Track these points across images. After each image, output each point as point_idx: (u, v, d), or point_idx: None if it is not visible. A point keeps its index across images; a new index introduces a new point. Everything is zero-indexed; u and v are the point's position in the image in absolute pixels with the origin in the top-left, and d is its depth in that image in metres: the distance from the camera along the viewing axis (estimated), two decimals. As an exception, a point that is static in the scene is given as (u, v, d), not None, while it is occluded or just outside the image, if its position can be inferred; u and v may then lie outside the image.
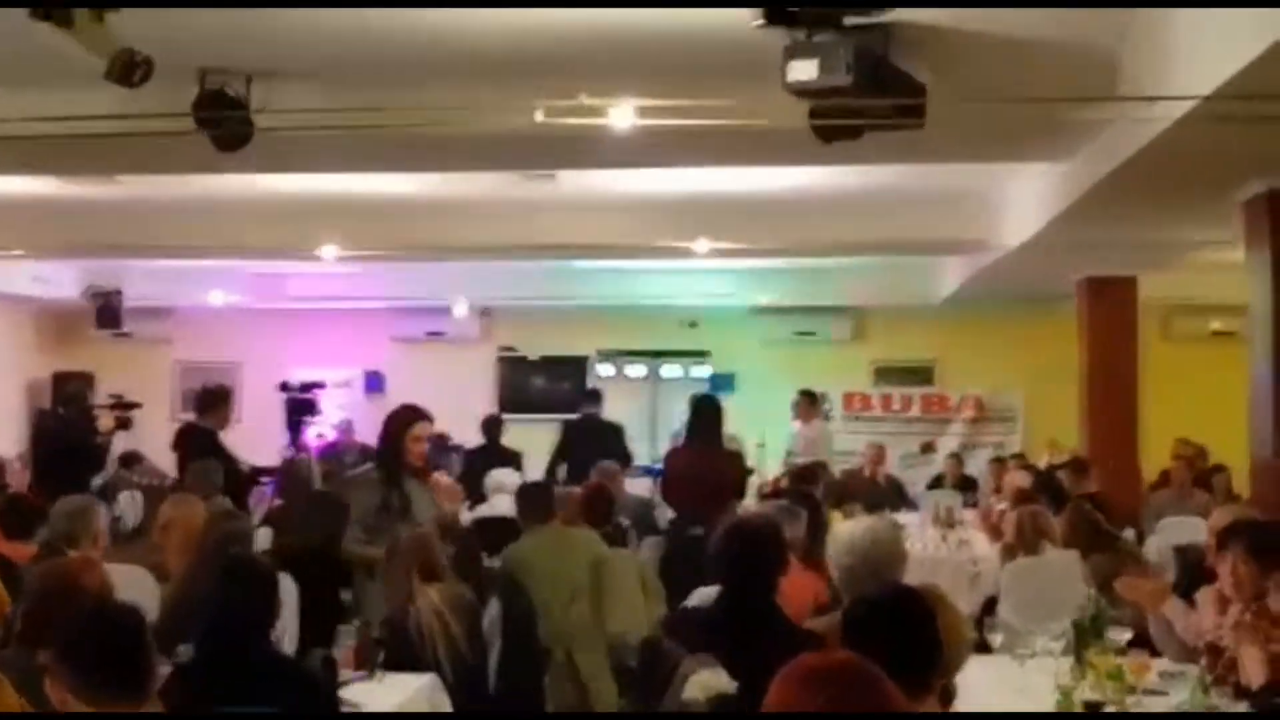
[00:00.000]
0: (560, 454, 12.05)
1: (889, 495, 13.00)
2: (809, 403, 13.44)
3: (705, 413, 8.89)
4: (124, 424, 10.94)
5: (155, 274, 14.53)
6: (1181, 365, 14.54)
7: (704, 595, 6.08)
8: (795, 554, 5.68)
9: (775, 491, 8.90)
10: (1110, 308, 12.07)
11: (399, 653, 5.29)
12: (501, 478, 10.05)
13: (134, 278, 14.66)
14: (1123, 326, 12.03)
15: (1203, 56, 5.48)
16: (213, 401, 9.45)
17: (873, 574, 4.60)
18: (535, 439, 12.83)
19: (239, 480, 9.02)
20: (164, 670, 4.46)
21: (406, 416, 6.88)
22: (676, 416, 9.10)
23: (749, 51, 5.65)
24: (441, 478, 9.17)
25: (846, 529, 5.00)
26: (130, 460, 12.25)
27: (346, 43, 6.50)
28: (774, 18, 5.14)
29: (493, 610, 7.20)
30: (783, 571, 4.78)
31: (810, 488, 8.59)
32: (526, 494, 7.58)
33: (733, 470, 8.81)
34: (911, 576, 7.33)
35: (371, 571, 6.30)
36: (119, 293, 14.61)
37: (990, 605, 6.95)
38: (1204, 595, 5.28)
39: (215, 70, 6.78)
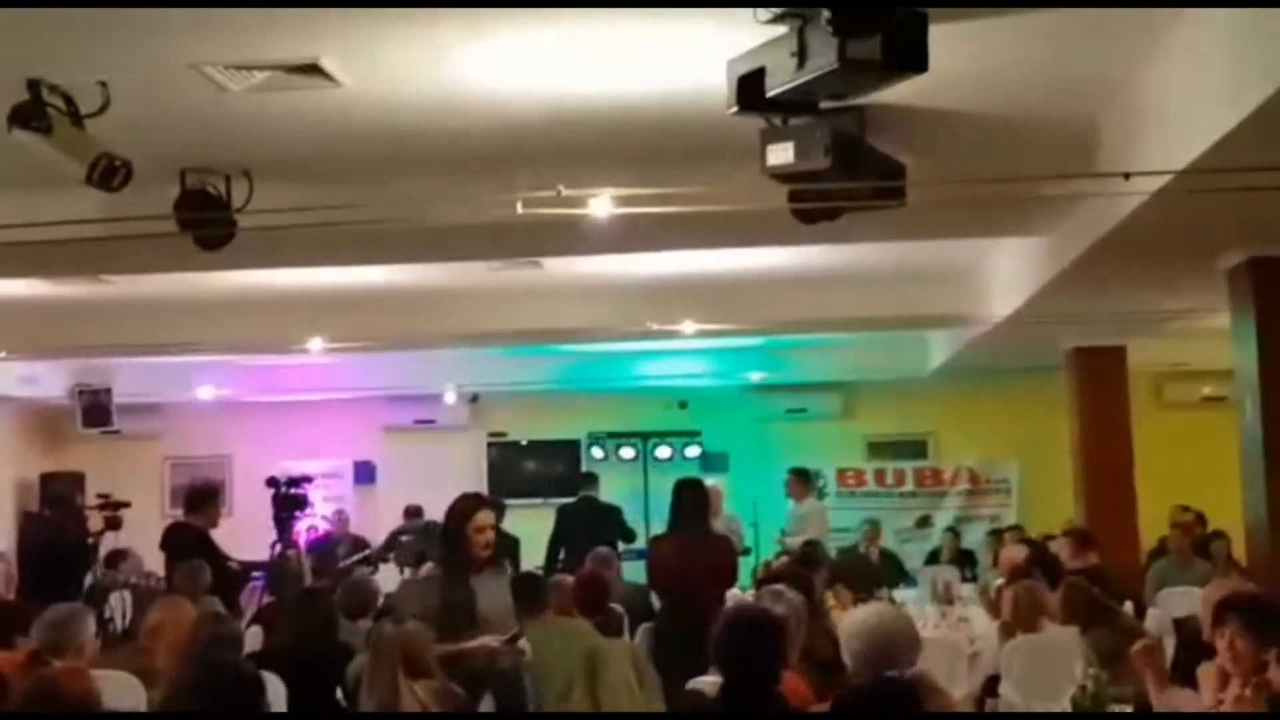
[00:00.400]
0: (556, 540, 11.97)
1: (887, 573, 12.91)
2: (800, 481, 13.38)
3: (688, 497, 8.46)
4: (113, 524, 10.86)
5: (142, 370, 14.48)
6: (1174, 431, 14.49)
7: (699, 685, 6.01)
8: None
9: (769, 576, 8.75)
10: (1100, 377, 12.05)
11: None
12: (494, 568, 9.91)
13: (121, 375, 14.63)
14: (1113, 396, 12.01)
15: (1178, 130, 5.50)
16: (201, 499, 9.37)
17: (882, 659, 4.56)
18: (527, 523, 12.76)
19: (229, 580, 8.92)
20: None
21: (466, 506, 6.48)
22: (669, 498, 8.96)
23: (727, 136, 5.68)
24: None
25: (856, 614, 4.96)
26: (116, 559, 12.14)
27: (326, 139, 6.53)
28: (748, 105, 5.15)
29: (486, 704, 7.10)
30: (785, 662, 4.72)
31: (809, 570, 8.45)
32: (519, 586, 7.47)
33: (723, 557, 8.37)
34: (909, 657, 7.27)
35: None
36: (108, 391, 14.56)
37: (992, 684, 6.88)
38: (1204, 671, 5.23)
39: (195, 170, 6.80)
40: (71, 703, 4.39)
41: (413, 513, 13.49)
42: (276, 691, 6.17)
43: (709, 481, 11.80)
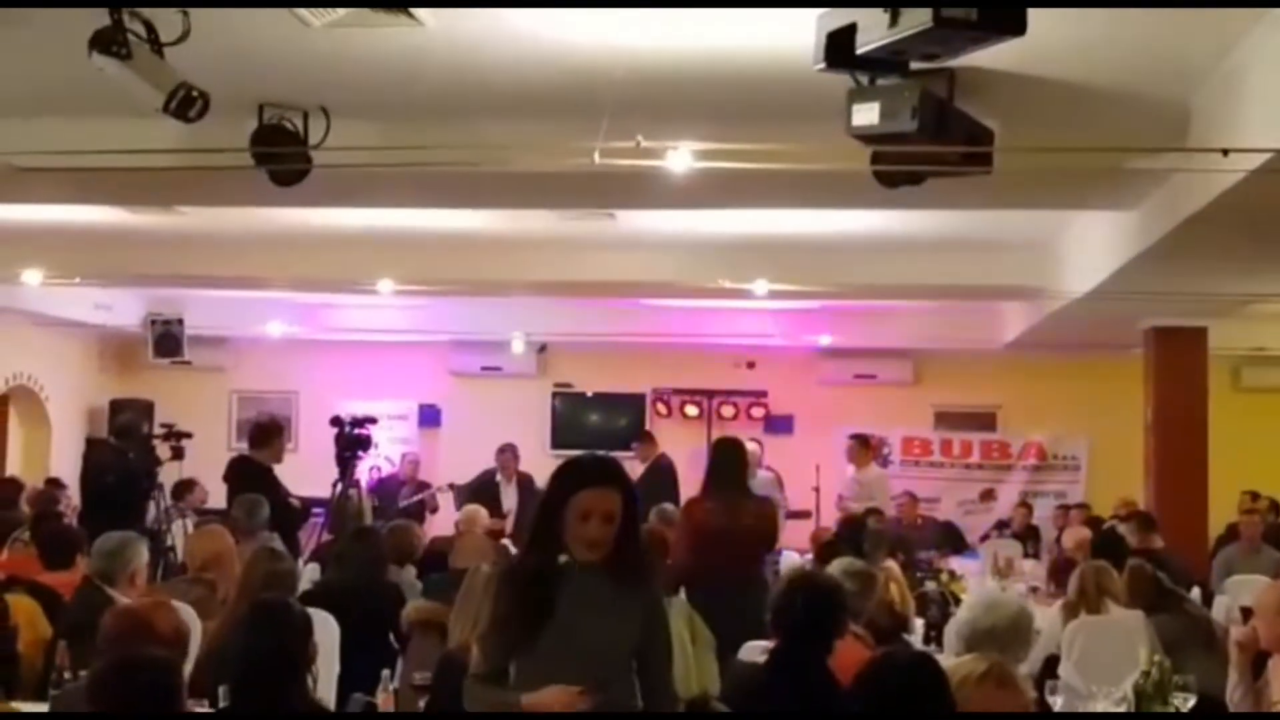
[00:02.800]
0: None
1: (941, 540, 12.85)
2: (861, 447, 13.25)
3: (726, 457, 8.08)
4: (178, 454, 10.96)
5: (213, 304, 14.60)
6: (1250, 417, 14.24)
7: (751, 650, 5.94)
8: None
9: (827, 542, 8.66)
10: (1179, 358, 11.83)
11: (447, 695, 5.02)
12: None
13: (193, 307, 14.74)
14: (1191, 377, 11.79)
15: (1277, 108, 5.32)
16: (266, 435, 9.40)
17: (980, 643, 4.53)
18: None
19: (290, 516, 8.95)
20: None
21: (565, 478, 4.00)
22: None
23: (812, 93, 5.56)
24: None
25: (980, 595, 5.00)
26: (183, 489, 12.28)
27: (404, 78, 6.47)
28: (835, 62, 5.03)
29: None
30: (841, 634, 4.66)
31: (867, 538, 8.37)
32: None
33: (763, 521, 7.93)
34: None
35: None
36: (180, 321, 14.68)
37: (1051, 664, 6.77)
38: (1275, 664, 5.12)
39: (273, 104, 6.77)
40: (164, 637, 4.42)
41: (504, 449, 13.35)
42: (332, 629, 6.19)
43: (746, 441, 11.78)
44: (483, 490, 12.54)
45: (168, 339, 14.74)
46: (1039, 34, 4.75)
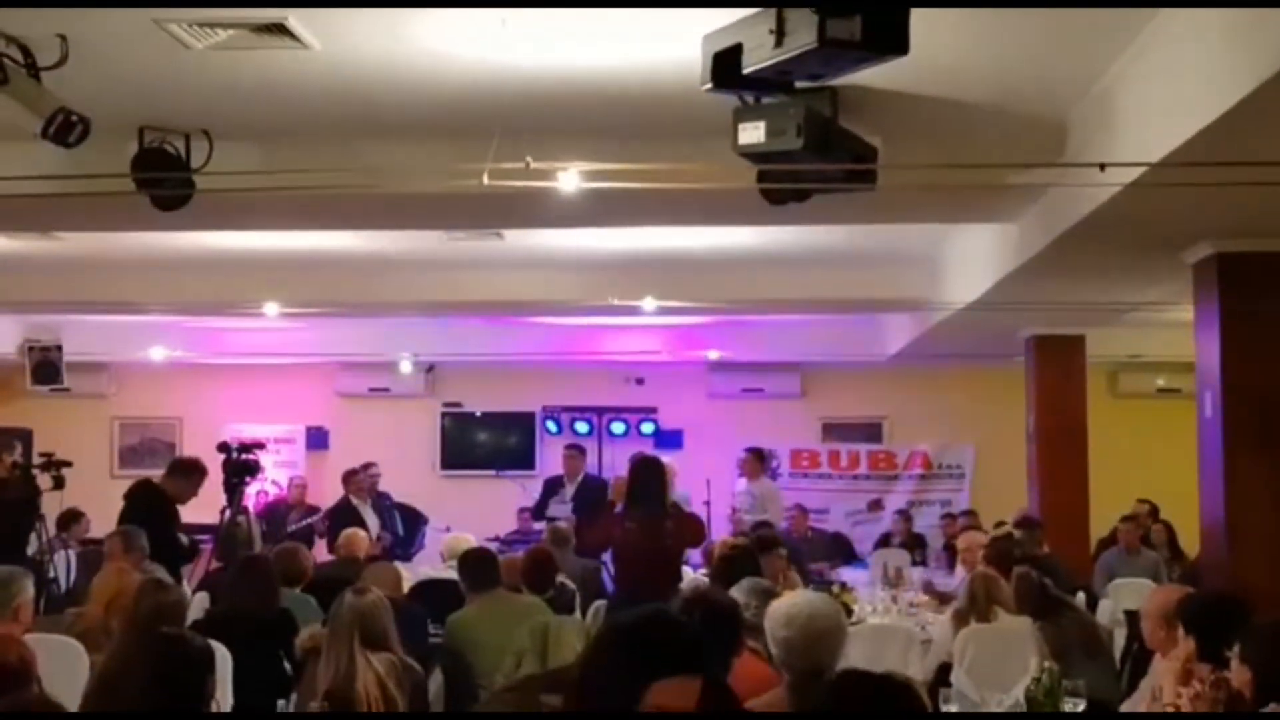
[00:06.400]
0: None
1: (833, 552, 13.00)
2: (756, 460, 13.35)
3: (646, 475, 8.26)
4: (59, 483, 10.70)
5: (94, 329, 14.26)
6: (1128, 421, 14.58)
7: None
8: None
9: (722, 558, 8.69)
10: (1058, 366, 12.11)
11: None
12: (456, 543, 9.87)
13: (72, 332, 14.40)
14: (1070, 384, 12.06)
15: (1152, 124, 5.49)
16: (184, 469, 9.06)
17: (811, 649, 4.45)
18: (479, 494, 12.68)
19: (179, 552, 8.73)
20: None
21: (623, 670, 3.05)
22: (622, 472, 8.89)
23: (699, 113, 5.61)
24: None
25: (786, 602, 4.82)
26: (68, 520, 12.00)
27: (290, 101, 6.40)
28: (722, 82, 5.08)
29: (437, 679, 7.04)
30: (738, 653, 4.66)
31: (761, 551, 8.42)
32: (470, 561, 7.41)
33: (682, 539, 8.34)
34: (863, 643, 7.26)
35: None
36: (59, 347, 14.32)
37: (944, 672, 6.87)
38: (1164, 667, 5.24)
39: (154, 128, 6.66)
40: (9, 670, 4.31)
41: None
42: (223, 658, 6.09)
43: (664, 458, 11.81)
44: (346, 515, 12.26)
45: (46, 366, 14.35)
46: (921, 53, 4.83)
